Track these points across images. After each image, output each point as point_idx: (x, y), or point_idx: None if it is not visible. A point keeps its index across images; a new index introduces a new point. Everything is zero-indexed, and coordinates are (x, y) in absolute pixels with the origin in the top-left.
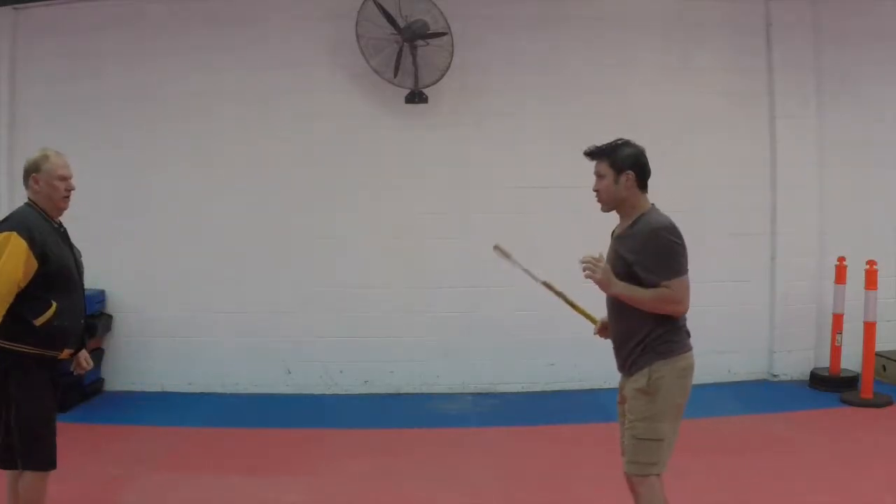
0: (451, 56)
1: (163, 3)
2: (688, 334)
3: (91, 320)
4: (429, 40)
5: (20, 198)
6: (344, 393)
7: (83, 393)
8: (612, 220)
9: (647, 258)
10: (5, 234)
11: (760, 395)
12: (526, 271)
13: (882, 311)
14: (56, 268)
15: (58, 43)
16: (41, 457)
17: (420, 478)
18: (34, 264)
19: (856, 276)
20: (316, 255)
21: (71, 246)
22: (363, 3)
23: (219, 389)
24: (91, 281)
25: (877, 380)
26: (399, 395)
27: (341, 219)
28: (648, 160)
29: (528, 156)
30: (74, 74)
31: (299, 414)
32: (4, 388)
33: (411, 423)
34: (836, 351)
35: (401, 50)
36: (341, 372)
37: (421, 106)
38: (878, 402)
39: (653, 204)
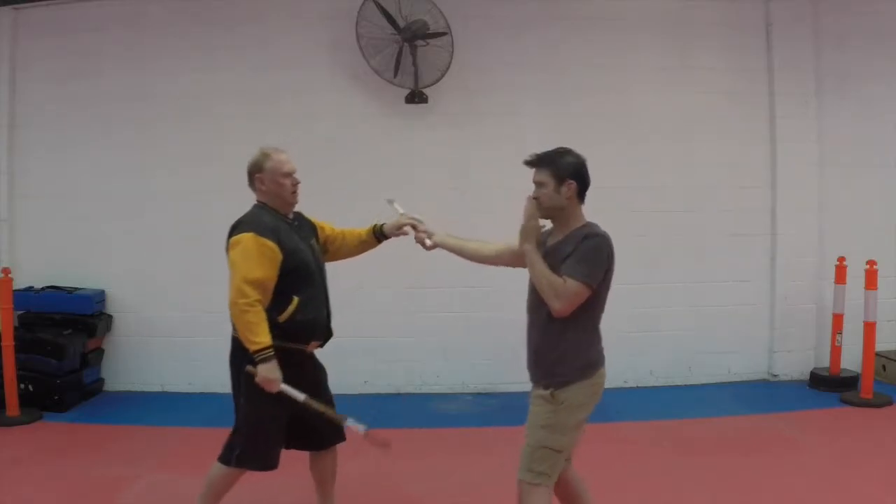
0: (451, 56)
1: (163, 3)
2: (602, 347)
3: (90, 320)
4: (429, 40)
5: (20, 197)
6: (344, 393)
7: (83, 393)
8: (613, 218)
9: (574, 254)
10: (241, 235)
11: (760, 395)
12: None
13: (882, 311)
14: (294, 263)
15: (58, 43)
16: (255, 455)
17: (420, 478)
18: (278, 260)
19: (856, 276)
20: None
21: (307, 238)
22: (363, 3)
23: (219, 389)
24: (91, 281)
25: (877, 380)
26: (399, 395)
27: (341, 218)
28: (589, 172)
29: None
30: (74, 74)
31: None
32: (238, 383)
33: (411, 423)
34: (836, 351)
35: (401, 50)
36: (342, 372)
37: (421, 106)
38: (878, 402)
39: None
